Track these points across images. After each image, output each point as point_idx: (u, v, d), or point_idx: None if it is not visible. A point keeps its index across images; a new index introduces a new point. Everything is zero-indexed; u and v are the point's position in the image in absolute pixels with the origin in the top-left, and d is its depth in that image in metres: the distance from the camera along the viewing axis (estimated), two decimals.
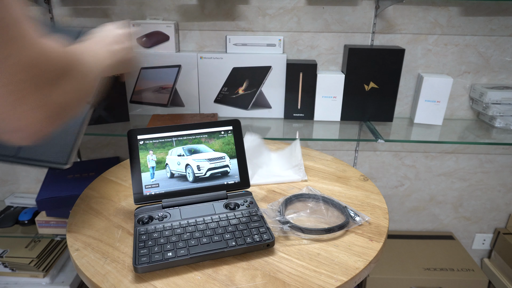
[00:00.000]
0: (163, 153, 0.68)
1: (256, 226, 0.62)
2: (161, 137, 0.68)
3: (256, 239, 0.59)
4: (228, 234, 0.60)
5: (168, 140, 0.69)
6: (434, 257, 1.36)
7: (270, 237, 0.59)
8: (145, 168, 0.67)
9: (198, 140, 0.70)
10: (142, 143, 0.68)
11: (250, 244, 0.58)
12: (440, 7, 1.16)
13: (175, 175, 0.68)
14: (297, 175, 0.82)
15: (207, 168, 0.70)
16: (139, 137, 0.68)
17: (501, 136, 1.15)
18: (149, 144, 0.68)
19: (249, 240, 0.59)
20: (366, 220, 0.67)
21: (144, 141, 0.68)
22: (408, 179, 1.42)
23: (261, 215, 0.65)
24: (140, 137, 0.68)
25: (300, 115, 1.21)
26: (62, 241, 1.38)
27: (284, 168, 0.85)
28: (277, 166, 0.87)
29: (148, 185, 0.67)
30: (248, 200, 0.69)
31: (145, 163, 0.67)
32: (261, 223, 0.63)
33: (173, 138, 0.69)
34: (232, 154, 0.71)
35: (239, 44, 1.18)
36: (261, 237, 0.60)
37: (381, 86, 1.16)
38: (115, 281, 0.54)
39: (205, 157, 0.70)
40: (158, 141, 0.68)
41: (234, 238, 0.60)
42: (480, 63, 1.23)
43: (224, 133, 0.71)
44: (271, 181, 0.81)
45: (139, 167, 0.67)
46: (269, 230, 0.61)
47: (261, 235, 0.60)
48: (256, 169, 0.82)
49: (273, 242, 0.59)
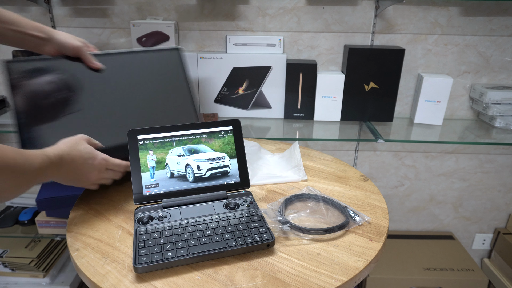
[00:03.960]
0: (163, 153, 0.68)
1: (256, 226, 0.62)
2: (161, 137, 0.68)
3: (256, 239, 0.59)
4: (228, 234, 0.60)
5: (168, 140, 0.69)
6: (434, 257, 1.36)
7: (270, 237, 0.59)
8: (145, 168, 0.67)
9: (198, 140, 0.70)
10: (142, 143, 0.68)
11: (250, 244, 0.58)
12: (440, 7, 1.16)
13: (175, 175, 0.68)
14: (297, 175, 0.82)
15: (207, 168, 0.69)
16: (139, 137, 0.68)
17: (501, 136, 1.15)
18: (149, 144, 0.68)
19: (249, 240, 0.59)
20: (366, 220, 0.67)
21: (144, 141, 0.68)
22: (408, 179, 1.42)
23: (261, 215, 0.65)
24: (140, 137, 0.68)
25: (300, 115, 1.21)
26: (62, 241, 1.38)
27: (284, 169, 0.86)
28: (277, 167, 0.87)
29: (148, 185, 0.67)
30: (248, 200, 0.69)
31: (145, 163, 0.67)
32: (261, 223, 0.63)
33: (173, 138, 0.69)
34: (232, 154, 0.71)
35: (239, 44, 1.18)
36: (261, 237, 0.60)
37: (381, 86, 1.16)
38: (115, 281, 0.54)
39: (205, 157, 0.70)
40: (158, 141, 0.68)
41: (234, 238, 0.59)
42: (480, 63, 1.23)
43: (224, 133, 0.71)
44: (271, 182, 0.81)
45: (139, 167, 0.67)
46: (269, 230, 0.61)
47: (261, 235, 0.60)
48: (256, 171, 0.82)
49: (273, 242, 0.59)
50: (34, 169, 0.54)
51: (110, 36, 1.22)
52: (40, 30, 0.72)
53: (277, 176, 0.82)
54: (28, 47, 0.73)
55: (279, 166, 0.88)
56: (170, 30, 1.15)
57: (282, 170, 0.85)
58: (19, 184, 0.52)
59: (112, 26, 1.21)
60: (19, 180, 0.51)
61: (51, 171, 0.58)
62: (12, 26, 0.69)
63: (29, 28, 0.71)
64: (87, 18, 1.20)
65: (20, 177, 0.51)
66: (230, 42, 1.17)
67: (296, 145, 0.90)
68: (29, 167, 0.53)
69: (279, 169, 0.86)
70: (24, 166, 0.52)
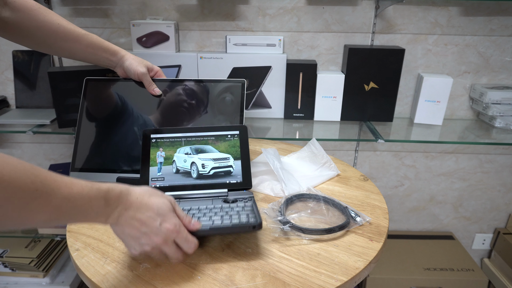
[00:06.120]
0: (172, 150, 0.73)
1: (246, 213, 0.63)
2: (172, 137, 0.74)
3: (242, 220, 0.60)
4: (217, 216, 0.62)
5: (177, 140, 0.74)
6: (434, 257, 1.36)
7: (257, 220, 0.59)
8: (154, 163, 0.72)
9: (205, 141, 0.74)
10: (154, 141, 0.73)
11: (236, 225, 0.59)
12: (440, 7, 1.16)
13: (180, 171, 0.72)
14: (332, 171, 0.83)
15: (211, 166, 0.72)
16: (152, 136, 0.73)
17: (501, 136, 1.15)
18: (160, 142, 0.73)
19: (235, 221, 0.60)
20: (367, 221, 0.67)
21: (156, 140, 0.73)
22: (408, 179, 1.42)
23: (255, 205, 0.65)
24: (153, 136, 0.73)
25: (300, 115, 1.21)
26: (62, 241, 1.38)
27: (314, 168, 0.85)
28: (306, 168, 0.85)
29: (154, 178, 0.71)
30: (247, 198, 0.70)
31: (154, 159, 0.72)
32: (252, 210, 0.63)
33: (183, 138, 0.74)
34: (236, 156, 0.73)
35: (239, 44, 1.18)
36: (248, 219, 0.60)
37: (381, 86, 1.16)
38: (115, 281, 0.54)
39: (210, 157, 0.73)
40: (168, 140, 0.74)
41: (221, 219, 0.60)
42: (480, 63, 1.23)
43: (230, 136, 0.74)
44: (313, 184, 0.79)
45: (148, 162, 0.72)
46: (258, 214, 0.61)
47: (249, 219, 0.60)
48: (289, 176, 0.80)
49: (260, 224, 0.58)
50: (60, 197, 0.41)
51: (110, 36, 1.22)
52: (113, 53, 0.81)
53: (314, 176, 0.82)
54: (102, 65, 0.83)
55: (306, 166, 0.86)
56: (170, 30, 1.15)
57: (313, 169, 0.84)
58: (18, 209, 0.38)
59: (112, 26, 1.21)
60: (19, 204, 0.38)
61: (99, 207, 0.46)
62: (91, 48, 0.78)
63: (105, 50, 0.80)
64: (87, 18, 1.20)
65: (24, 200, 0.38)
66: (230, 42, 1.17)
67: (314, 142, 0.90)
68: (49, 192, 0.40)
69: (310, 169, 0.85)
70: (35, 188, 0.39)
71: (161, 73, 0.86)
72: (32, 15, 0.71)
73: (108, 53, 0.80)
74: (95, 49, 0.79)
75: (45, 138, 1.38)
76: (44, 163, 1.40)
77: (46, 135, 1.37)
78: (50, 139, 1.38)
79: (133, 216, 0.50)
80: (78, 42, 0.76)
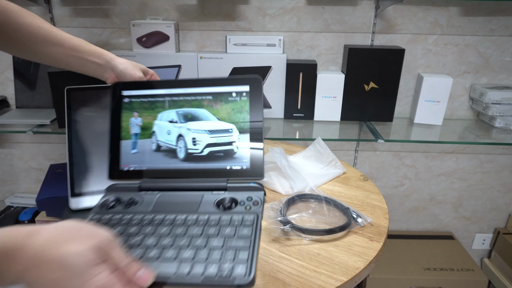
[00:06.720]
0: (151, 116, 0.52)
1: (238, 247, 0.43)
2: (152, 95, 0.53)
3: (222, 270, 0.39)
4: (188, 251, 0.42)
5: (159, 100, 0.52)
6: (434, 257, 1.36)
7: (247, 274, 0.40)
8: (127, 135, 0.52)
9: (198, 102, 0.52)
10: (127, 101, 0.54)
11: (210, 278, 0.38)
12: (440, 7, 1.16)
13: (162, 148, 0.52)
14: (338, 169, 0.82)
15: (205, 143, 0.51)
16: (124, 92, 0.53)
17: (501, 136, 1.15)
18: (135, 103, 0.53)
19: (211, 270, 0.39)
20: (368, 222, 0.67)
21: (130, 99, 0.53)
22: (408, 179, 1.42)
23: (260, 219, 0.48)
24: (126, 93, 0.53)
25: (300, 115, 1.21)
26: None
27: (320, 167, 0.84)
28: (313, 167, 0.85)
29: (127, 158, 0.52)
30: (254, 198, 0.52)
31: (127, 128, 0.52)
32: (247, 242, 0.43)
33: (167, 98, 0.52)
34: (244, 128, 0.51)
35: (239, 44, 1.18)
36: (232, 270, 0.39)
37: (381, 86, 1.16)
38: None
39: (205, 127, 0.51)
40: (147, 99, 0.53)
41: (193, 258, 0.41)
42: (480, 63, 1.23)
43: (236, 95, 0.51)
44: (319, 182, 0.79)
45: (119, 133, 0.52)
46: (252, 260, 0.41)
47: (233, 267, 0.40)
48: (296, 174, 0.78)
49: (252, 282, 0.40)
50: None
51: (110, 36, 1.22)
52: (99, 56, 0.71)
53: (321, 175, 0.81)
54: (88, 73, 0.72)
55: (313, 165, 0.86)
56: (170, 30, 1.15)
57: (319, 168, 0.84)
58: None
59: (112, 26, 1.21)
60: None
61: None
62: (74, 52, 0.69)
63: (90, 54, 0.70)
64: (87, 18, 1.20)
65: None
66: (230, 42, 1.17)
67: (320, 141, 0.90)
68: None
69: (316, 168, 0.84)
70: None
71: (156, 75, 0.83)
72: (12, 18, 0.65)
73: (94, 56, 0.71)
74: (79, 53, 0.69)
75: (45, 138, 1.38)
76: (44, 163, 1.40)
77: (46, 135, 1.37)
78: (50, 139, 1.38)
79: (36, 279, 0.35)
80: (59, 45, 0.68)
